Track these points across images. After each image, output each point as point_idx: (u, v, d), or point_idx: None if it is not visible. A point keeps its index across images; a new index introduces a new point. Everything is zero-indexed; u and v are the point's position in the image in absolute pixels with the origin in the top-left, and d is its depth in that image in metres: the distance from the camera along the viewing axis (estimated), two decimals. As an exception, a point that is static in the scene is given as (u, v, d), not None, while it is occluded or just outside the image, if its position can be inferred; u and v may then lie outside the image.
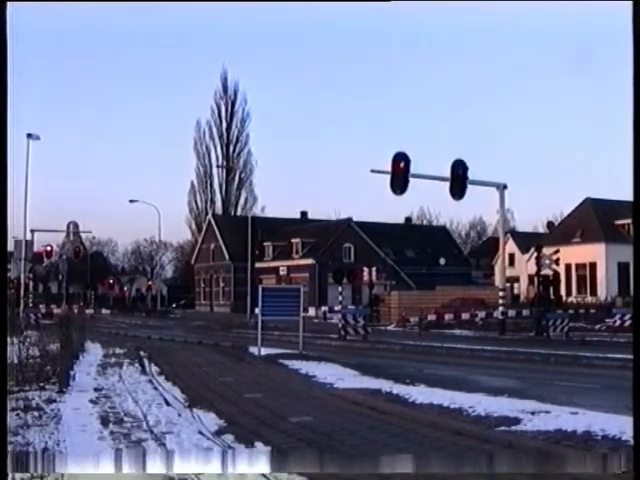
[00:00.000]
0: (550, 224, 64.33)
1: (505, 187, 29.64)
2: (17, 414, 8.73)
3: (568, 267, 44.68)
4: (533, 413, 8.59)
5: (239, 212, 74.03)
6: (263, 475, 5.99)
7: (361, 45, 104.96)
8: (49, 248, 43.71)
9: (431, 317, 31.34)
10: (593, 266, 45.75)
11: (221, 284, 69.54)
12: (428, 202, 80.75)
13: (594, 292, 44.71)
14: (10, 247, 34.64)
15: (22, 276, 36.30)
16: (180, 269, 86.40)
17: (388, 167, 26.00)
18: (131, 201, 60.70)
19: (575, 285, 46.57)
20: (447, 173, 26.96)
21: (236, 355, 18.84)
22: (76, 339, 16.39)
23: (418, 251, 67.51)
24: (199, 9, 72.82)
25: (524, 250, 48.45)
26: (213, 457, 6.65)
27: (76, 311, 30.92)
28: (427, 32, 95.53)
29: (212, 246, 70.28)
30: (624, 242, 38.26)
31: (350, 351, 21.84)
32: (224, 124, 74.46)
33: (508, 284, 40.84)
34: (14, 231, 34.77)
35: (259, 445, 7.26)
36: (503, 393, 10.83)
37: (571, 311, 28.39)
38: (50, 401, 9.96)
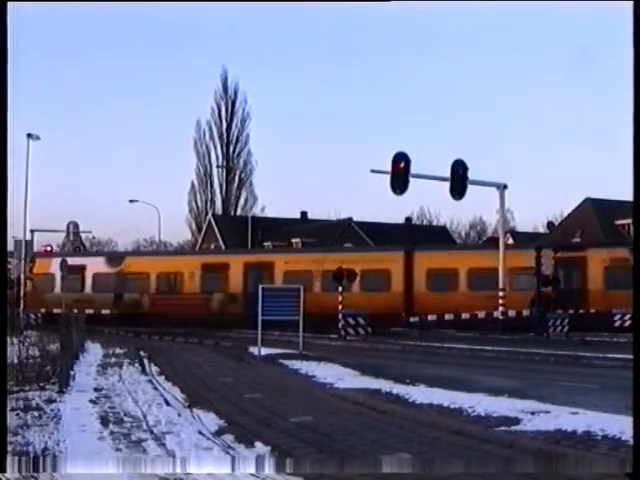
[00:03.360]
0: (550, 224, 64.29)
1: (505, 187, 29.62)
2: (17, 414, 8.74)
3: None
4: (533, 413, 8.57)
5: (239, 212, 73.91)
6: (263, 475, 5.99)
7: (361, 45, 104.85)
8: (49, 248, 43.71)
9: (431, 317, 31.27)
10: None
11: (221, 284, 69.47)
12: (428, 202, 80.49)
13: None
14: (10, 247, 34.64)
15: (22, 276, 36.30)
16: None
17: (388, 167, 26.01)
18: (131, 201, 60.56)
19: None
20: (447, 173, 26.97)
21: (236, 355, 18.84)
22: (76, 339, 16.40)
23: (418, 251, 67.40)
24: (199, 9, 72.83)
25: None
26: (213, 457, 6.64)
27: (76, 311, 30.84)
28: (427, 32, 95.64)
29: (212, 246, 70.18)
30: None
31: (350, 351, 21.81)
32: (224, 124, 74.27)
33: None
34: (14, 231, 34.77)
35: (259, 445, 7.26)
36: (503, 393, 10.80)
37: (571, 311, 28.34)
38: (50, 401, 9.96)
